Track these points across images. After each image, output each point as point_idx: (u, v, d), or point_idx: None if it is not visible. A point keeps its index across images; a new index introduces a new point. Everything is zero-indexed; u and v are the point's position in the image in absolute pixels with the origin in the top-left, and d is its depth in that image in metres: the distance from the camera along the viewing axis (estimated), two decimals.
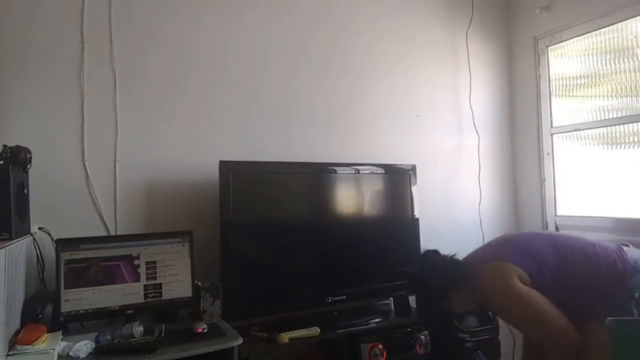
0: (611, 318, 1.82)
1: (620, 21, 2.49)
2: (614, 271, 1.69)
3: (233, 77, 2.24)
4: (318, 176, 2.22)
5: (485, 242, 2.67)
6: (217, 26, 2.22)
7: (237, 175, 1.96)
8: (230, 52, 2.24)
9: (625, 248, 1.77)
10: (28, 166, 1.68)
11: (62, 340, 1.53)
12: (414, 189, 2.40)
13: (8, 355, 1.38)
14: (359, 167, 2.32)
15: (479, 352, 2.13)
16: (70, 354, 1.46)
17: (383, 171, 2.35)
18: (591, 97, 2.72)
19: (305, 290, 2.12)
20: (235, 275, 1.91)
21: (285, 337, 1.84)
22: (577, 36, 2.71)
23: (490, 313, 2.13)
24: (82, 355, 1.46)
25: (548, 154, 2.88)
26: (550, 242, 1.82)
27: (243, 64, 2.27)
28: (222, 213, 1.93)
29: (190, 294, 1.86)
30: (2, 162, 1.55)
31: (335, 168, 2.25)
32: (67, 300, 1.68)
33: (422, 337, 2.08)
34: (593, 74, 2.69)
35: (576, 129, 2.74)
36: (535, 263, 1.73)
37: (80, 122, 1.93)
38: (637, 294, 1.63)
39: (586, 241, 1.81)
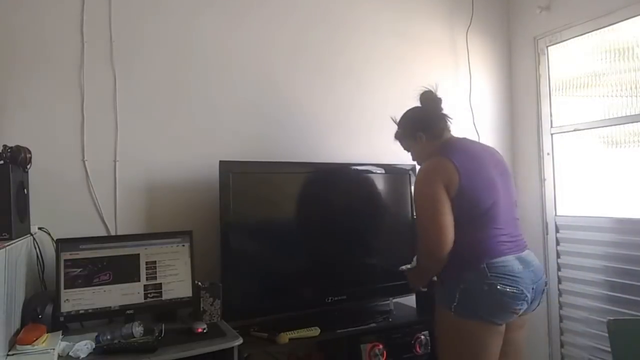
0: (611, 318, 1.82)
1: (620, 21, 2.49)
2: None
3: (233, 77, 2.24)
4: (318, 176, 2.22)
5: None
6: (217, 26, 2.22)
7: (237, 175, 1.96)
8: (230, 52, 2.24)
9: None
10: (28, 166, 1.68)
11: (62, 340, 1.53)
12: (413, 189, 2.39)
13: (8, 355, 1.38)
14: (359, 167, 2.32)
15: None
16: (70, 354, 1.46)
17: (383, 171, 2.35)
18: (591, 97, 2.72)
19: (305, 290, 2.12)
20: (235, 275, 1.91)
21: (285, 337, 1.84)
22: (577, 36, 2.71)
23: None
24: (82, 355, 1.46)
25: (548, 154, 2.88)
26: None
27: (243, 63, 2.27)
28: (222, 213, 1.93)
29: (190, 294, 1.86)
30: (2, 162, 1.55)
31: (335, 168, 2.25)
32: (67, 300, 1.68)
33: (422, 337, 2.08)
34: (593, 73, 2.69)
35: (576, 128, 2.74)
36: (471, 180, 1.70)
37: (80, 122, 1.94)
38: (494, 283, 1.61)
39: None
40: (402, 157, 2.48)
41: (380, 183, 2.36)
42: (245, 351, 1.74)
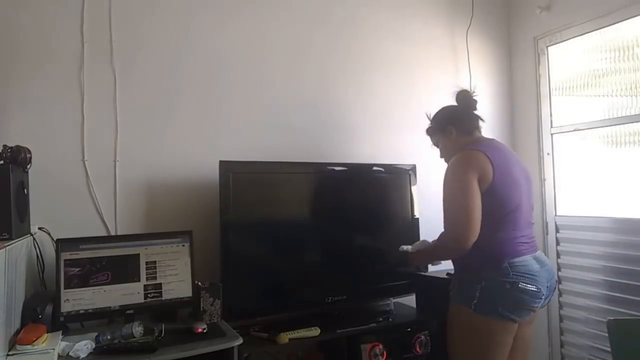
0: (611, 318, 1.83)
1: (620, 21, 2.49)
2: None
3: (233, 77, 2.24)
4: (318, 176, 2.22)
5: None
6: (217, 26, 2.22)
7: (237, 175, 1.96)
8: (230, 51, 2.24)
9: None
10: (28, 166, 1.68)
11: (62, 340, 1.53)
12: (414, 189, 2.40)
13: (8, 355, 1.38)
14: (359, 167, 2.32)
15: None
16: (70, 354, 1.46)
17: (383, 171, 2.35)
18: (591, 96, 2.72)
19: (305, 290, 2.12)
20: (235, 275, 1.91)
21: (285, 337, 1.84)
22: (577, 36, 2.71)
23: None
24: (82, 355, 1.46)
25: (548, 153, 2.88)
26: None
27: (243, 63, 2.26)
28: (222, 213, 1.93)
29: (190, 294, 1.86)
30: (2, 162, 1.55)
31: (335, 168, 2.25)
32: (67, 300, 1.68)
33: (422, 337, 2.08)
34: (593, 73, 2.69)
35: (576, 128, 2.74)
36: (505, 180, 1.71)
37: (80, 122, 1.94)
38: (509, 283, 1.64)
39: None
40: (403, 158, 2.49)
41: (380, 183, 2.36)
42: (245, 351, 1.74)
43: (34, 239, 1.74)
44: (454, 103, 1.94)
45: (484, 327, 1.67)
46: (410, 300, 2.34)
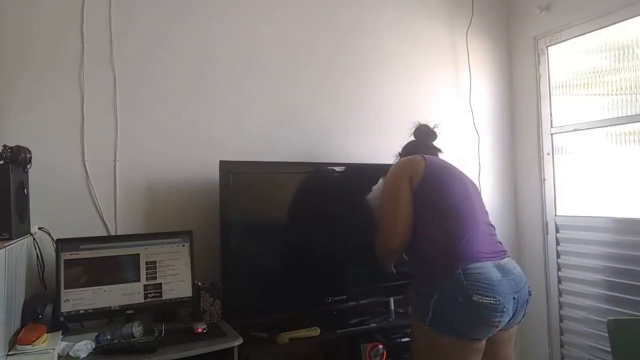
0: (611, 318, 1.82)
1: (620, 21, 2.49)
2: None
3: (233, 77, 2.24)
4: (318, 176, 2.22)
5: None
6: (218, 26, 2.22)
7: (237, 175, 1.96)
8: (231, 52, 2.24)
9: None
10: (28, 166, 1.68)
11: (62, 340, 1.53)
12: None
13: (8, 355, 1.38)
14: (359, 167, 2.32)
15: None
16: (70, 354, 1.46)
17: (383, 171, 2.34)
18: (591, 96, 2.72)
19: (305, 290, 2.12)
20: (235, 275, 1.91)
21: (285, 337, 1.84)
22: (577, 36, 2.71)
23: None
24: (82, 355, 1.46)
25: (548, 154, 2.88)
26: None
27: (244, 64, 2.26)
28: (222, 213, 1.93)
29: (190, 294, 1.86)
30: (2, 162, 1.55)
31: (335, 168, 2.25)
32: (67, 300, 1.68)
33: None
34: (593, 73, 2.69)
35: (576, 128, 2.74)
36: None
37: (80, 122, 1.93)
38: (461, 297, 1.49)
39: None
40: None
41: (380, 183, 2.35)
42: (245, 351, 1.73)
43: (34, 239, 1.74)
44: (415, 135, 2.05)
45: (441, 346, 1.52)
46: None
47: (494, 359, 1.62)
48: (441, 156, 1.99)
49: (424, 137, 2.02)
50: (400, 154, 2.04)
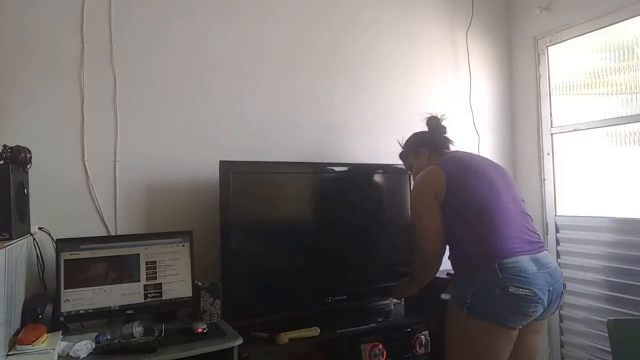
0: (611, 318, 1.82)
1: (620, 21, 2.49)
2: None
3: (233, 77, 2.24)
4: (318, 176, 2.22)
5: None
6: (217, 26, 2.22)
7: (237, 175, 1.96)
8: (231, 51, 2.24)
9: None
10: (28, 166, 1.68)
11: (62, 340, 1.53)
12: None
13: (8, 355, 1.38)
14: (359, 167, 2.32)
15: None
16: (70, 354, 1.46)
17: (383, 171, 2.35)
18: (591, 96, 2.72)
19: (305, 290, 2.12)
20: (235, 275, 1.91)
21: (285, 337, 1.84)
22: (577, 36, 2.71)
23: None
24: (82, 355, 1.46)
25: (548, 153, 2.88)
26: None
27: (243, 63, 2.26)
28: (222, 213, 1.92)
29: (190, 294, 1.86)
30: (2, 162, 1.55)
31: (335, 168, 2.25)
32: (67, 300, 1.68)
33: (422, 337, 2.08)
34: (593, 73, 2.69)
35: (576, 128, 2.74)
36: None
37: (80, 122, 1.93)
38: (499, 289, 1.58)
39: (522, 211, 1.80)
40: None
41: (380, 183, 2.36)
42: (245, 351, 1.73)
43: (34, 239, 1.74)
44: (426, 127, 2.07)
45: (477, 332, 1.63)
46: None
47: (523, 346, 1.70)
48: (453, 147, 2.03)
49: (436, 130, 2.04)
50: (410, 144, 2.07)
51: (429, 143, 1.99)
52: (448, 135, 2.05)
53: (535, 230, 1.79)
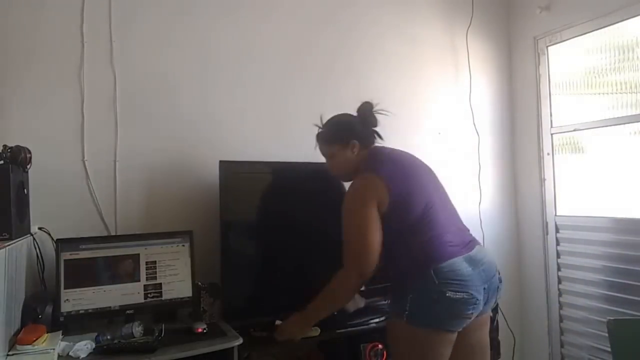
0: (611, 318, 1.83)
1: (620, 21, 2.49)
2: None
3: (234, 77, 2.24)
4: (318, 176, 2.21)
5: (486, 242, 2.69)
6: (218, 26, 2.22)
7: (237, 175, 1.96)
8: (231, 52, 2.24)
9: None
10: (28, 166, 1.68)
11: (62, 340, 1.53)
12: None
13: (8, 355, 1.38)
14: None
15: None
16: (70, 354, 1.46)
17: None
18: (591, 96, 2.72)
19: (305, 290, 2.11)
20: (235, 275, 1.91)
21: None
22: (577, 36, 2.71)
23: None
24: (82, 355, 1.46)
25: (548, 154, 2.88)
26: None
27: (244, 64, 2.26)
28: (222, 213, 1.92)
29: (190, 294, 1.86)
30: (2, 162, 1.55)
31: None
32: (67, 300, 1.68)
33: None
34: (593, 73, 2.69)
35: (576, 129, 2.74)
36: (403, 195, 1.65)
37: (80, 122, 1.93)
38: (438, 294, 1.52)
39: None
40: None
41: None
42: (245, 351, 1.73)
43: (34, 238, 1.74)
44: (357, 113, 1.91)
45: (419, 339, 1.58)
46: None
47: (471, 344, 1.68)
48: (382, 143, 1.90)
49: (369, 119, 1.88)
50: (340, 130, 1.87)
51: (361, 136, 1.83)
52: (377, 129, 1.90)
53: (464, 225, 1.76)
